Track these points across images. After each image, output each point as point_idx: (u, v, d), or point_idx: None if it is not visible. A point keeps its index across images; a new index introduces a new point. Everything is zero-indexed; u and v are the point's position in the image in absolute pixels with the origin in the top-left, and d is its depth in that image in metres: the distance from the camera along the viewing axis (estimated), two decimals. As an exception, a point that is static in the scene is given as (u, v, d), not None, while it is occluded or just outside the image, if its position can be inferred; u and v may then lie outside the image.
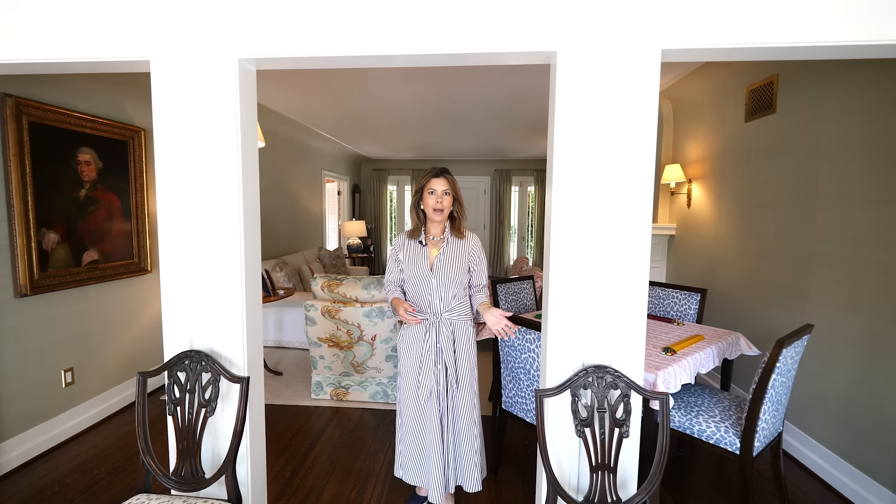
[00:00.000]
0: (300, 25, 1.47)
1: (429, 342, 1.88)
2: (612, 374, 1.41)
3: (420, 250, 1.91)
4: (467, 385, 1.90)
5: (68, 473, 2.29)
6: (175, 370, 1.54)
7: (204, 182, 1.55)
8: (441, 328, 1.87)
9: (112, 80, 2.84)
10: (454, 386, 1.89)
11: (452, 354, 1.88)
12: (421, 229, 1.93)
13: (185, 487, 1.49)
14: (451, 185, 1.87)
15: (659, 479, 1.33)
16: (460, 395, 1.90)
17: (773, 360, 1.76)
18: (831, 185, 2.30)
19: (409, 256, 1.92)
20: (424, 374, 1.87)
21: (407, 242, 1.95)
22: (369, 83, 3.82)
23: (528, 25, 1.40)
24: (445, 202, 1.85)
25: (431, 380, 1.87)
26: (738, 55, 1.42)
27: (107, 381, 2.90)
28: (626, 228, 1.43)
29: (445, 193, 1.85)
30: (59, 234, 2.53)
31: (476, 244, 1.95)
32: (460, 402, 1.90)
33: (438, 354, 1.88)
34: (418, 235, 1.92)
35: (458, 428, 1.91)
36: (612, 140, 1.41)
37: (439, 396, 1.89)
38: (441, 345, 1.87)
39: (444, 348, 1.87)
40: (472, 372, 1.92)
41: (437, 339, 1.88)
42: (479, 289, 1.96)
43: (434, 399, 1.88)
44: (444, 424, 1.90)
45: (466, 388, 1.90)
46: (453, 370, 1.88)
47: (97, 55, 1.52)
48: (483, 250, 1.98)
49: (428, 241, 1.92)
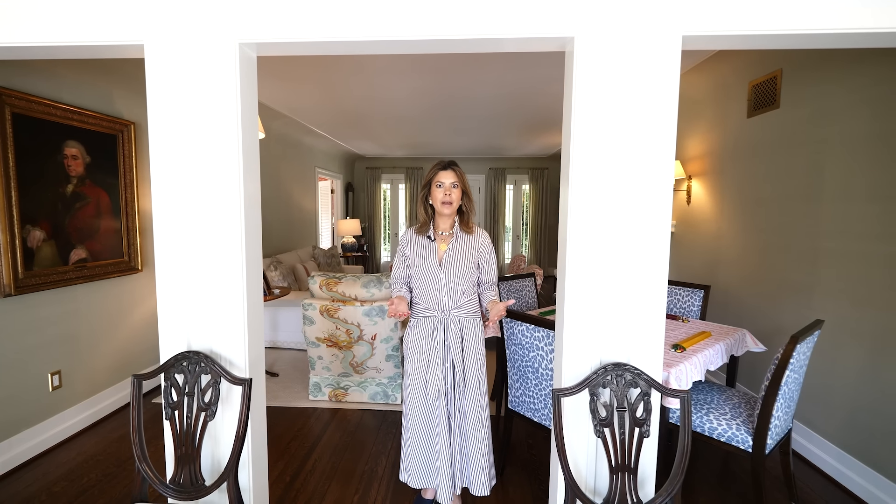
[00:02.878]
0: (303, 9, 1.40)
1: (437, 340, 1.82)
2: (632, 372, 1.36)
3: (428, 245, 1.85)
4: (475, 385, 1.84)
5: (56, 481, 2.18)
6: (172, 372, 1.46)
7: (202, 174, 1.47)
8: (449, 325, 1.82)
9: (99, 71, 2.73)
10: (461, 385, 1.83)
11: (461, 353, 1.82)
12: (429, 224, 1.87)
13: (184, 496, 1.41)
14: (460, 177, 1.81)
15: (681, 479, 1.29)
16: (468, 395, 1.84)
17: (787, 355, 1.74)
18: (836, 180, 2.29)
19: (416, 252, 1.86)
20: (432, 373, 1.81)
21: (415, 238, 1.89)
22: (364, 77, 3.75)
23: (544, 9, 1.35)
24: (454, 195, 1.79)
25: (439, 378, 1.81)
26: (761, 42, 1.38)
27: (96, 384, 2.79)
28: (646, 221, 1.38)
29: (454, 186, 1.79)
30: (45, 231, 2.42)
31: (486, 240, 1.90)
32: (468, 402, 1.84)
33: (447, 352, 1.82)
34: (427, 230, 1.87)
35: (465, 428, 1.85)
36: (630, 131, 1.37)
37: (447, 395, 1.83)
38: (449, 342, 1.82)
39: (453, 346, 1.81)
40: (480, 371, 1.86)
41: (445, 336, 1.82)
42: (489, 286, 1.90)
43: (442, 398, 1.82)
44: (452, 424, 1.84)
45: (474, 389, 1.84)
46: (461, 369, 1.82)
47: (87, 39, 1.43)
48: (493, 247, 1.93)
49: (437, 235, 1.86)
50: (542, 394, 2.07)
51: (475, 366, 1.84)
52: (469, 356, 1.83)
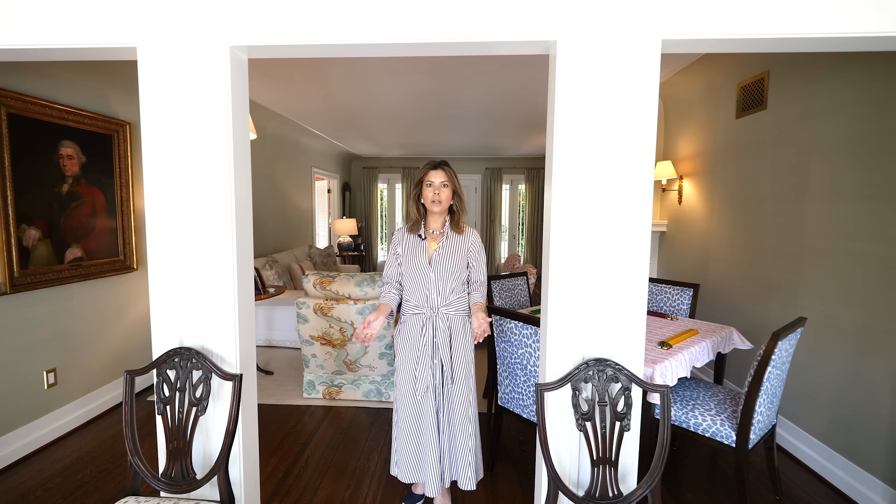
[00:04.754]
0: (293, 12, 1.43)
1: (426, 336, 1.85)
2: (613, 368, 1.40)
3: (419, 244, 1.88)
4: (463, 382, 1.88)
5: (51, 477, 2.21)
6: (164, 368, 1.49)
7: (194, 174, 1.50)
8: (438, 323, 1.85)
9: (95, 72, 2.75)
10: (449, 382, 1.86)
11: (448, 350, 1.85)
12: (420, 223, 1.90)
13: (175, 489, 1.44)
14: (450, 177, 1.84)
15: (660, 472, 1.32)
16: (455, 392, 1.87)
17: (769, 352, 1.78)
18: (822, 180, 2.33)
19: (407, 250, 1.89)
20: (421, 370, 1.85)
21: (406, 236, 1.92)
22: (360, 78, 3.78)
23: (528, 13, 1.38)
24: (443, 195, 1.82)
25: (428, 375, 1.84)
26: (739, 46, 1.42)
27: (91, 382, 2.81)
28: (627, 220, 1.42)
29: (444, 186, 1.82)
30: (41, 230, 2.45)
31: (476, 240, 1.93)
32: (455, 398, 1.88)
33: (435, 350, 1.86)
34: (418, 229, 1.90)
35: (452, 424, 1.89)
36: (612, 132, 1.40)
37: (436, 391, 1.86)
38: (437, 340, 1.85)
39: (441, 344, 1.85)
40: (467, 369, 1.89)
41: (433, 334, 1.85)
42: (477, 286, 1.93)
43: (431, 394, 1.86)
44: (441, 420, 1.88)
45: (462, 386, 1.88)
46: (449, 366, 1.86)
47: (80, 41, 1.46)
48: (483, 247, 1.96)
49: (427, 234, 1.90)
50: (530, 390, 2.10)
51: (462, 363, 1.88)
52: (457, 353, 1.87)
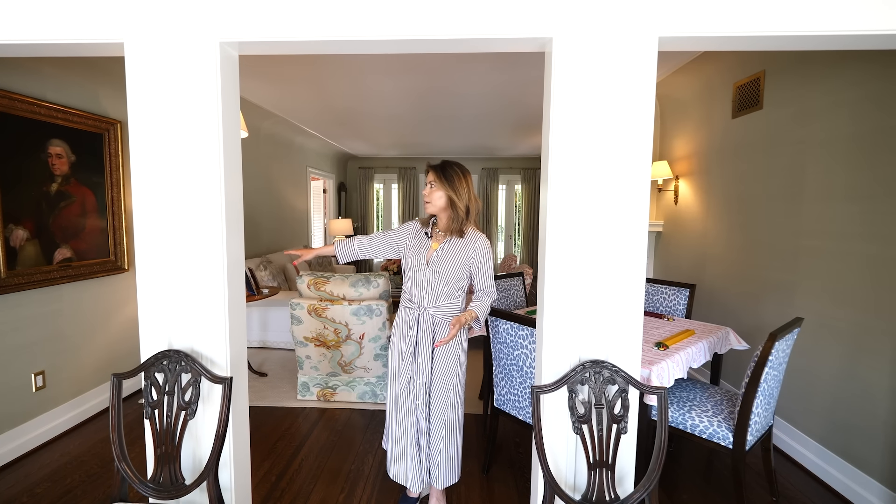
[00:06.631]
0: (284, 7, 1.40)
1: (411, 333, 1.86)
2: (610, 369, 1.38)
3: (424, 241, 1.89)
4: (441, 385, 1.85)
5: (39, 483, 2.17)
6: (152, 371, 1.46)
7: (183, 173, 1.47)
8: (422, 322, 1.84)
9: (84, 70, 2.71)
10: (429, 382, 1.86)
11: (430, 352, 1.84)
12: (430, 221, 1.93)
13: (163, 495, 1.41)
14: (439, 179, 1.80)
15: (658, 474, 1.31)
16: (434, 392, 1.86)
17: (765, 353, 1.76)
18: (816, 180, 2.32)
19: (413, 244, 1.90)
20: (404, 364, 1.86)
21: (418, 230, 1.94)
22: (356, 77, 3.75)
23: (524, 10, 1.36)
24: (433, 196, 1.81)
25: (409, 370, 1.85)
26: (735, 44, 1.40)
27: (81, 385, 2.77)
28: (623, 220, 1.40)
29: (433, 187, 1.81)
30: (29, 230, 2.40)
31: (481, 245, 1.83)
32: (434, 398, 1.86)
33: (417, 348, 1.85)
34: (426, 227, 1.92)
35: (431, 423, 1.88)
36: (608, 131, 1.38)
37: (418, 388, 1.86)
38: (419, 339, 1.84)
39: (421, 343, 1.84)
40: (448, 373, 1.86)
41: (417, 332, 1.85)
42: (482, 294, 1.87)
43: (411, 390, 1.86)
44: (420, 418, 1.87)
45: (440, 389, 1.85)
46: (428, 367, 1.84)
47: (66, 37, 1.42)
48: (489, 252, 1.85)
49: (434, 233, 1.90)
50: (526, 391, 2.08)
51: (442, 364, 1.85)
52: (437, 356, 1.85)
